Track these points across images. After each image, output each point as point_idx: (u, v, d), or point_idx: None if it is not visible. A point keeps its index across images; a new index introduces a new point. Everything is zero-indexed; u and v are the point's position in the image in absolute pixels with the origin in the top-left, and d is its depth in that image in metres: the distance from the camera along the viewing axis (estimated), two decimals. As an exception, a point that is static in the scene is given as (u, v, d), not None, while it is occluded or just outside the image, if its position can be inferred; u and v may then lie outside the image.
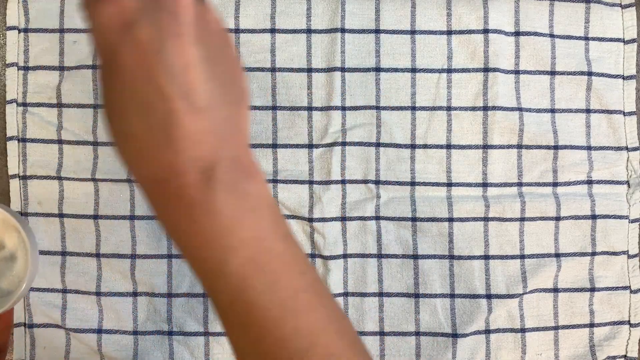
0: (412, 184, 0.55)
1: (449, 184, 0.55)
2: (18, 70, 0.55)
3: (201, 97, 0.22)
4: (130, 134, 0.22)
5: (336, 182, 0.54)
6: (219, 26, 0.24)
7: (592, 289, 0.55)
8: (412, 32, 0.55)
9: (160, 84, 0.21)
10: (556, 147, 0.55)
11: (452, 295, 0.54)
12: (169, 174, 0.22)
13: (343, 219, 0.54)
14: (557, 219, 0.55)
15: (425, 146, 0.55)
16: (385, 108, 0.55)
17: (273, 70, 0.54)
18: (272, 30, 0.55)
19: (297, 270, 0.25)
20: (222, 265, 0.23)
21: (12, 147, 0.54)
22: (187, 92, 0.22)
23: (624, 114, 0.56)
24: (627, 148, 0.56)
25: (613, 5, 0.56)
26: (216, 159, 0.22)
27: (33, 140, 0.54)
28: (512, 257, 0.55)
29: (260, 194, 0.24)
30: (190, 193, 0.22)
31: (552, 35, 0.55)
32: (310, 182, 0.54)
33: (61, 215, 0.54)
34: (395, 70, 0.55)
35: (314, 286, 0.25)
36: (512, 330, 0.54)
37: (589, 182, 0.55)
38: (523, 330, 0.55)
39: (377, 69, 0.55)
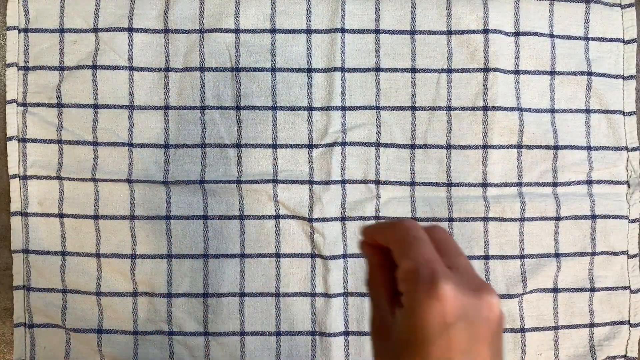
0: (412, 184, 0.55)
1: (449, 184, 0.55)
2: (18, 70, 0.55)
3: None
4: None
5: (336, 182, 0.54)
6: (502, 328, 0.27)
7: (592, 289, 0.55)
8: (412, 32, 0.55)
9: None
10: (556, 147, 0.55)
11: (452, 295, 0.54)
12: None
13: (343, 219, 0.54)
14: (557, 219, 0.55)
15: (425, 146, 0.55)
16: (385, 108, 0.55)
17: (273, 70, 0.54)
18: (272, 30, 0.55)
19: None
20: None
21: (12, 147, 0.54)
22: None
23: (624, 114, 0.56)
24: (627, 148, 0.56)
25: (613, 5, 0.56)
26: None
27: (33, 140, 0.54)
28: (512, 257, 0.55)
29: None
30: None
31: (552, 35, 0.55)
32: (310, 182, 0.54)
33: (61, 215, 0.54)
34: (395, 70, 0.55)
35: None
36: (512, 330, 0.55)
37: (589, 182, 0.55)
38: (523, 330, 0.55)
39: (377, 69, 0.55)
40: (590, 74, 0.55)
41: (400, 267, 0.26)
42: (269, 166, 0.54)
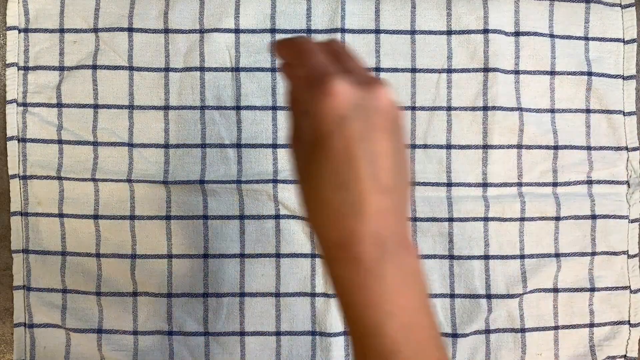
0: (412, 184, 0.55)
1: (449, 184, 0.55)
2: (18, 70, 0.55)
3: (388, 181, 0.27)
4: (325, 203, 0.27)
5: (336, 182, 0.54)
6: (402, 120, 0.29)
7: (592, 289, 0.55)
8: (412, 32, 0.55)
9: (359, 167, 0.26)
10: (556, 147, 0.55)
11: (452, 295, 0.54)
12: (351, 241, 0.27)
13: (343, 219, 0.54)
14: (557, 219, 0.55)
15: (425, 146, 0.55)
16: (385, 108, 0.54)
17: (273, 70, 0.54)
18: (272, 30, 0.55)
19: (435, 345, 0.29)
20: (380, 328, 0.27)
21: (12, 147, 0.54)
22: (377, 175, 0.26)
23: (624, 114, 0.56)
24: (627, 148, 0.56)
25: (613, 5, 0.56)
26: (389, 233, 0.27)
27: (33, 140, 0.54)
28: (512, 257, 0.55)
29: (416, 268, 0.29)
30: (367, 259, 0.27)
31: (552, 35, 0.55)
32: (310, 182, 0.54)
33: (61, 215, 0.54)
34: (395, 70, 0.55)
35: None
36: (512, 330, 0.55)
37: (589, 182, 0.55)
38: (523, 330, 0.55)
39: (377, 69, 0.55)
40: (590, 74, 0.55)
41: (301, 77, 0.29)
42: (269, 166, 0.54)
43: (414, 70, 0.55)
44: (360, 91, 0.27)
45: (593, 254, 0.55)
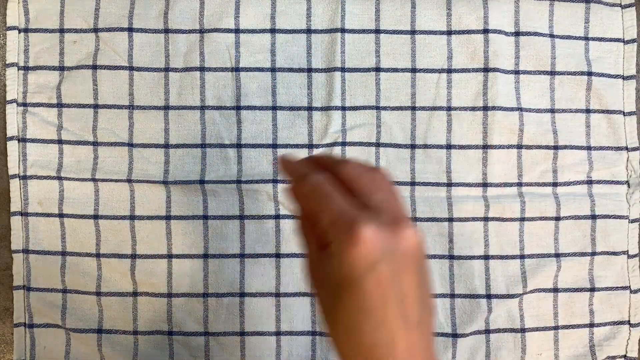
0: (412, 184, 0.55)
1: (449, 184, 0.55)
2: (18, 70, 0.55)
3: (415, 317, 0.28)
4: (357, 342, 0.28)
5: (336, 182, 0.54)
6: (424, 251, 0.30)
7: (592, 289, 0.55)
8: (412, 32, 0.55)
9: (391, 308, 0.27)
10: (556, 147, 0.55)
11: (452, 295, 0.54)
12: None
13: (343, 219, 0.54)
14: (557, 219, 0.55)
15: (425, 146, 0.55)
16: (385, 108, 0.55)
17: (273, 70, 0.55)
18: (272, 30, 0.55)
19: None
20: None
21: (12, 147, 0.54)
22: (406, 313, 0.28)
23: (624, 114, 0.56)
24: (627, 148, 0.56)
25: (613, 5, 0.56)
26: None
27: (33, 140, 0.54)
28: (512, 257, 0.55)
29: None
30: None
31: (552, 35, 0.55)
32: (310, 182, 0.54)
33: (61, 215, 0.54)
34: (395, 70, 0.55)
35: None
36: (512, 330, 0.55)
37: (589, 182, 0.55)
38: (523, 330, 0.55)
39: (377, 69, 0.55)
40: (590, 74, 0.55)
41: (322, 223, 0.29)
42: (269, 166, 0.54)
43: (414, 70, 0.55)
44: (388, 233, 0.27)
45: (593, 254, 0.55)
